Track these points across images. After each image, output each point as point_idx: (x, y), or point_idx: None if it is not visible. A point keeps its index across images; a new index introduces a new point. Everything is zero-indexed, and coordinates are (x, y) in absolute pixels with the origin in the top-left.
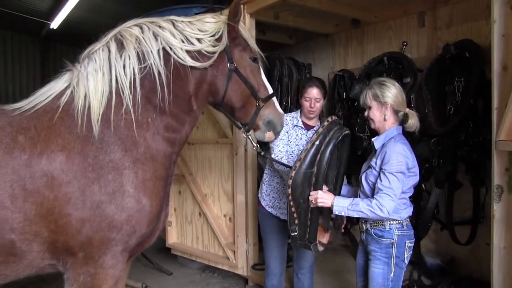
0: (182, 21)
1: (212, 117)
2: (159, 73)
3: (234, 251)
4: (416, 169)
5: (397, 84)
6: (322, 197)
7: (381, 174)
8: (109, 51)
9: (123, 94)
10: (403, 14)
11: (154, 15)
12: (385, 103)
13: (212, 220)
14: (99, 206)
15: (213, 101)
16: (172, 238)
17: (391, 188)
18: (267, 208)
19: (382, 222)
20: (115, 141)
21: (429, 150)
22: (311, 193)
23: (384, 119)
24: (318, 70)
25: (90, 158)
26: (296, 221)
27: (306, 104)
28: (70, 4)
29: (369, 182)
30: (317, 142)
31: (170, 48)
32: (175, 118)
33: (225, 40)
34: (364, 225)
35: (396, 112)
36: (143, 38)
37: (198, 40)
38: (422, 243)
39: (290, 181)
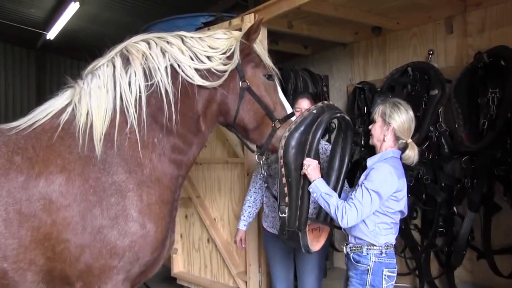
0: (192, 37)
1: (221, 135)
2: (166, 91)
3: (246, 281)
4: (401, 195)
5: (411, 112)
6: (313, 169)
7: (359, 187)
8: (114, 67)
9: (128, 112)
10: (429, 20)
11: (158, 25)
12: (389, 124)
13: (221, 247)
14: (100, 231)
15: (224, 121)
16: (178, 266)
17: (360, 203)
18: (268, 229)
19: (361, 246)
20: (118, 162)
21: (461, 169)
22: (307, 159)
23: (384, 140)
24: (335, 82)
25: (91, 180)
26: (287, 199)
27: (296, 114)
28: (67, 14)
29: None
30: (314, 111)
31: (178, 66)
32: (182, 139)
33: (237, 58)
34: (345, 249)
35: (397, 138)
36: (150, 54)
37: (208, 57)
38: (456, 273)
39: (283, 141)
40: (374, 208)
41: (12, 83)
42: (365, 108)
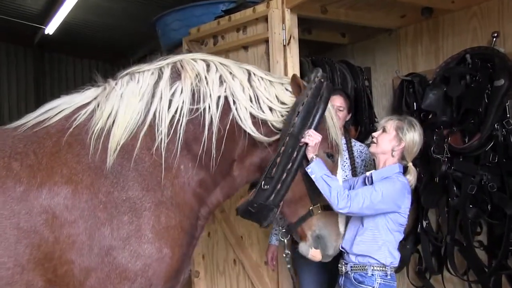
0: (262, 78)
1: None
2: (211, 122)
3: None
4: (407, 211)
5: (422, 136)
6: (315, 144)
7: (367, 186)
8: (159, 77)
9: (158, 130)
10: None
11: (172, 15)
12: (402, 142)
13: (250, 269)
14: (109, 253)
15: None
16: None
17: (366, 192)
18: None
19: (365, 266)
20: (135, 176)
21: None
22: (312, 131)
23: (392, 155)
24: (379, 75)
25: (101, 194)
26: (274, 170)
27: None
28: (68, 5)
29: None
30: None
31: (234, 102)
32: (212, 178)
33: None
34: (344, 268)
35: (402, 157)
36: (205, 77)
37: (270, 109)
38: None
39: (301, 107)
40: (376, 207)
41: (7, 85)
42: (414, 104)
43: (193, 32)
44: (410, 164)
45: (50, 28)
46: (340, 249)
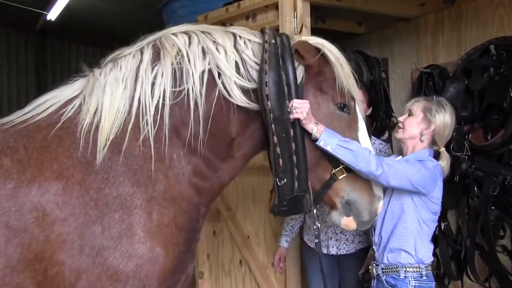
0: (249, 39)
1: None
2: (195, 104)
3: None
4: (440, 196)
5: (454, 118)
6: (308, 113)
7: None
8: (141, 60)
9: (143, 119)
10: None
11: (178, 0)
12: (431, 124)
13: (256, 270)
14: (100, 253)
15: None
16: None
17: (402, 166)
18: (310, 243)
19: (397, 267)
20: (125, 171)
21: None
22: (295, 101)
23: (421, 140)
24: (397, 66)
25: (92, 191)
26: (281, 161)
27: None
28: None
29: None
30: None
31: (219, 75)
32: (206, 163)
33: (300, 76)
34: (375, 270)
35: (433, 141)
36: (187, 52)
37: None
38: None
39: (266, 90)
40: (411, 179)
41: (7, 73)
42: (434, 97)
43: (200, 20)
44: (442, 149)
45: (52, 14)
46: (372, 246)
